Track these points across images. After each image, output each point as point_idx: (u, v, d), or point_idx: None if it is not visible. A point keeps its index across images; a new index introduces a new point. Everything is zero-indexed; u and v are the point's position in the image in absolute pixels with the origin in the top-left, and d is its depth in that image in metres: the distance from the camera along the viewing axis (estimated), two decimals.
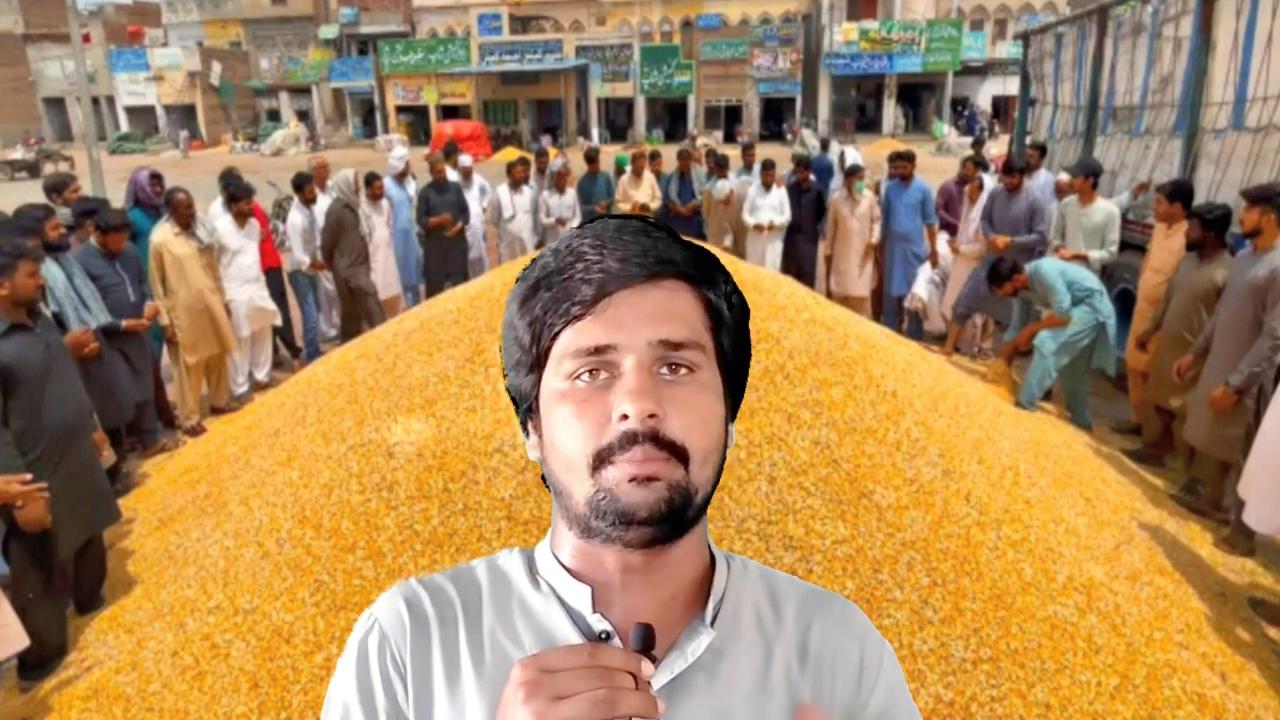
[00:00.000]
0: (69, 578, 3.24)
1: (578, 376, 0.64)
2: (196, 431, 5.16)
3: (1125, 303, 5.45)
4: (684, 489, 0.62)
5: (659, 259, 0.65)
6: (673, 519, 0.62)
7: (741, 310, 0.71)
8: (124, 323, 4.45)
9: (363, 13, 40.29)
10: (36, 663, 2.92)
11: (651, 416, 0.61)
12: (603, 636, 0.66)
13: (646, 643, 0.58)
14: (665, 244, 0.67)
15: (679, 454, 0.62)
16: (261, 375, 6.08)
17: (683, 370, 0.64)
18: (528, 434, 0.71)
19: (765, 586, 0.74)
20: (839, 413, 3.07)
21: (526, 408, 0.70)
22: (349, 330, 6.40)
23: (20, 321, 3.04)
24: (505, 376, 0.72)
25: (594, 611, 0.67)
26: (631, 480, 0.61)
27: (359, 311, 6.45)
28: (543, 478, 0.70)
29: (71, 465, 3.13)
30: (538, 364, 0.67)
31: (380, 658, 0.67)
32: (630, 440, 0.61)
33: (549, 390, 0.66)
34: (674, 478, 0.61)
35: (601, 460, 0.62)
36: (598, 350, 0.63)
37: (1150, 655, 2.62)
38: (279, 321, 6.23)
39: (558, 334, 0.65)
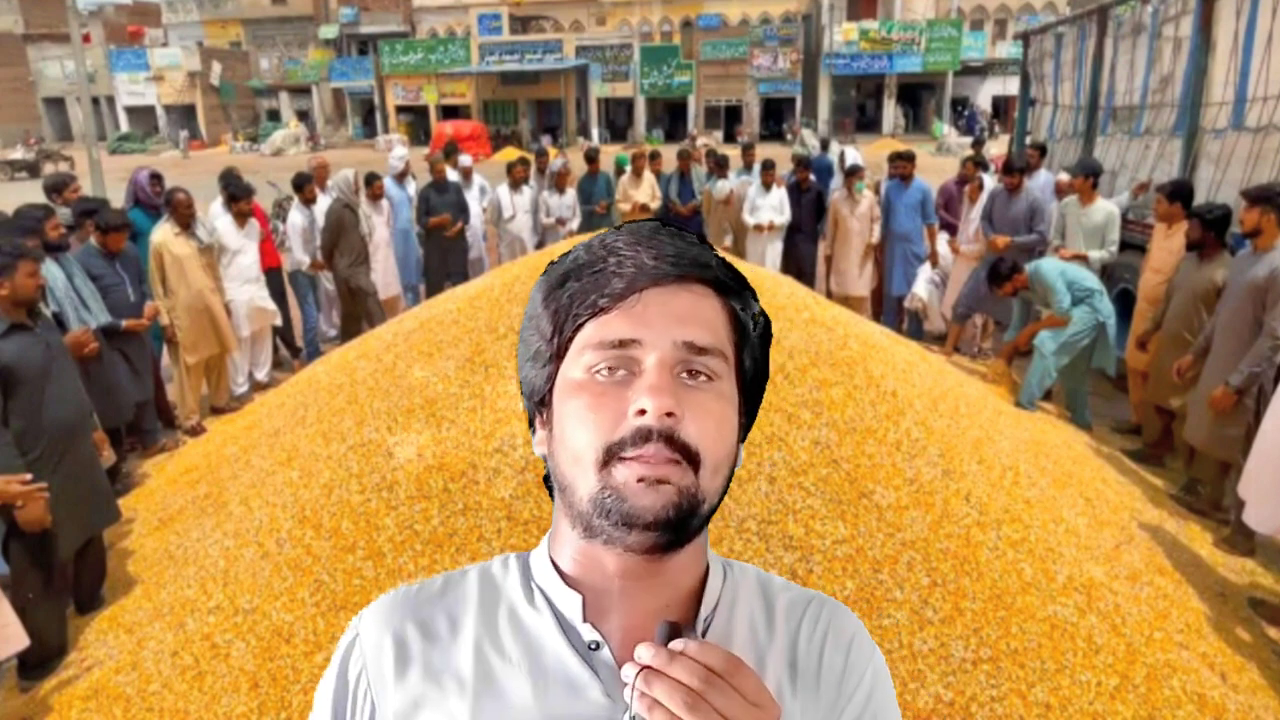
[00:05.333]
0: (69, 578, 3.24)
1: (597, 370, 0.63)
2: (196, 431, 5.16)
3: (1125, 303, 5.45)
4: (693, 495, 0.61)
5: (693, 261, 0.65)
6: (678, 525, 0.60)
7: (765, 331, 0.71)
8: (124, 323, 4.45)
9: (363, 13, 40.28)
10: (36, 663, 2.92)
11: (669, 415, 0.60)
12: (592, 647, 0.65)
13: (669, 638, 0.57)
14: (700, 250, 0.67)
15: (691, 458, 0.61)
16: (261, 375, 6.08)
17: (703, 377, 0.64)
18: (534, 429, 0.70)
19: (760, 594, 0.73)
20: (839, 413, 3.06)
21: (538, 401, 0.69)
22: (349, 330, 6.40)
23: (20, 321, 3.04)
24: (520, 369, 0.70)
25: (585, 620, 0.66)
26: (640, 481, 0.59)
27: (359, 311, 6.45)
28: (545, 478, 0.69)
29: (71, 465, 3.13)
30: (557, 355, 0.66)
31: (354, 676, 0.68)
32: (644, 437, 0.60)
33: (565, 381, 0.65)
34: (684, 483, 0.60)
35: (611, 455, 0.60)
36: (622, 344, 0.62)
37: (1150, 655, 2.62)
38: (279, 321, 6.23)
39: (581, 325, 0.64)
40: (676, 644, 0.56)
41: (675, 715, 0.53)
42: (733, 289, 0.68)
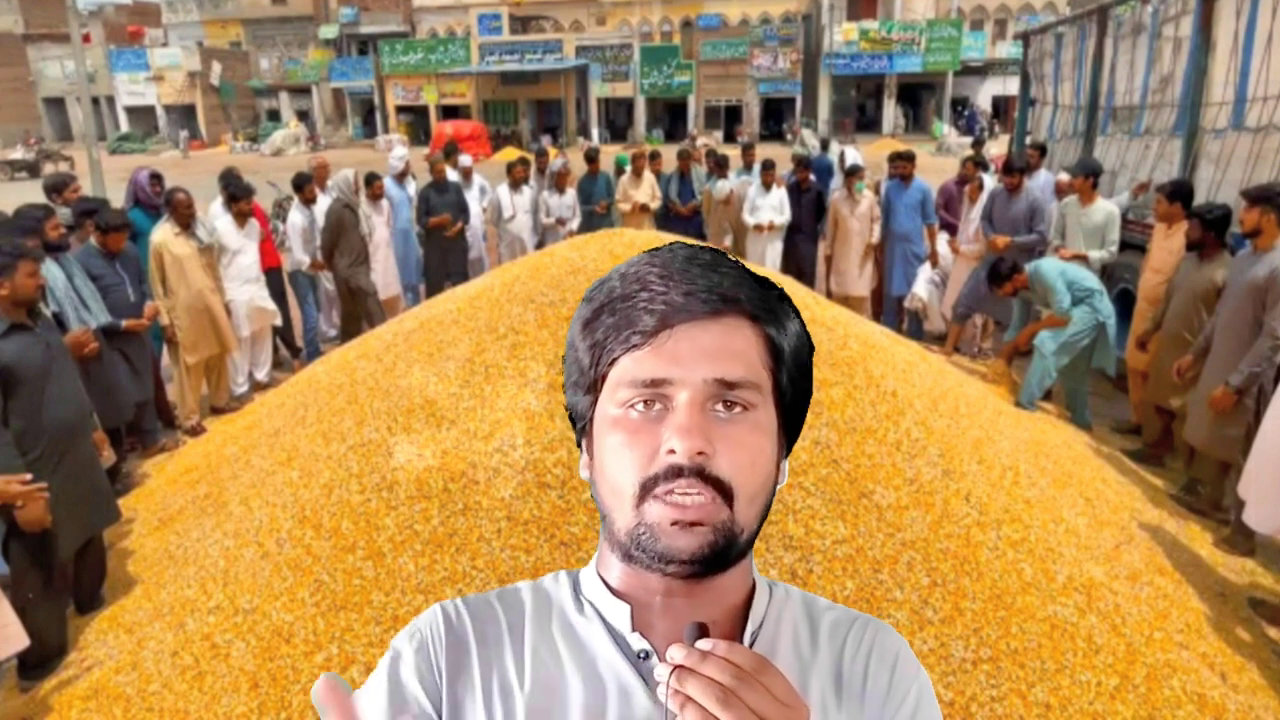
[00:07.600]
0: (69, 578, 3.24)
1: (632, 405, 0.64)
2: (196, 431, 5.16)
3: (1125, 303, 5.45)
4: (728, 530, 0.62)
5: (723, 296, 0.65)
6: (715, 559, 0.62)
7: (805, 348, 0.71)
8: (124, 323, 4.45)
9: (363, 13, 40.27)
10: (36, 663, 2.92)
11: (700, 454, 0.61)
12: (642, 656, 0.67)
13: (697, 638, 0.58)
14: (732, 279, 0.67)
15: (725, 492, 0.62)
16: (261, 375, 6.08)
17: (737, 409, 0.64)
18: (582, 451, 0.72)
19: (805, 613, 0.75)
20: (839, 413, 3.06)
21: (582, 426, 0.71)
22: (349, 330, 6.40)
23: (20, 321, 3.04)
24: (565, 392, 0.72)
25: (633, 630, 0.68)
26: (675, 524, 0.61)
27: (359, 311, 6.45)
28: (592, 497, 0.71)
29: (71, 465, 3.13)
30: (594, 387, 0.68)
31: (418, 660, 0.68)
32: (676, 473, 0.61)
33: (603, 415, 0.67)
34: (719, 520, 0.62)
35: (646, 491, 0.62)
36: (653, 383, 0.63)
37: (1150, 655, 2.62)
38: (279, 321, 6.23)
39: (616, 360, 0.65)
40: (704, 643, 0.57)
41: (709, 712, 0.54)
42: (766, 315, 0.68)
